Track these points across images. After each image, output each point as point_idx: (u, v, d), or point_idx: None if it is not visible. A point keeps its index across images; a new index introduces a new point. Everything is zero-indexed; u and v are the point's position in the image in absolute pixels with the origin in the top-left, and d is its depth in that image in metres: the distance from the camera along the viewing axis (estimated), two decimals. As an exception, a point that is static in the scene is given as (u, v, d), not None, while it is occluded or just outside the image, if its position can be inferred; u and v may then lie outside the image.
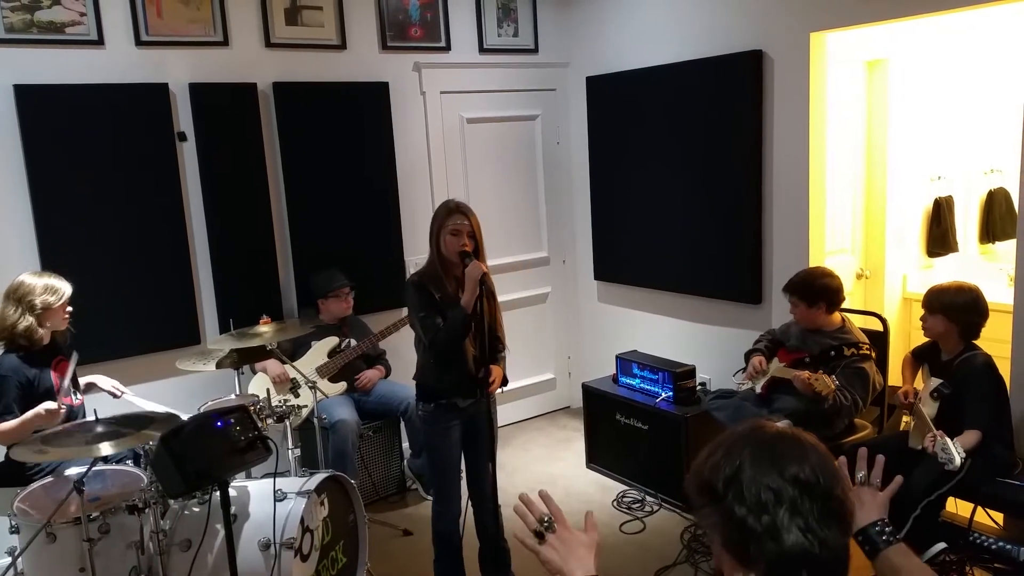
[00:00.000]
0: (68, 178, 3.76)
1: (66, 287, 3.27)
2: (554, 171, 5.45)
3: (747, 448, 1.24)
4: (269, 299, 4.31)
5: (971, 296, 3.20)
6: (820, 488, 1.20)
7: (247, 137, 4.21)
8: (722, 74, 4.24)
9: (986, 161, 5.07)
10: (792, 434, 1.28)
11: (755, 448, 1.24)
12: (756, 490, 1.19)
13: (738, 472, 1.22)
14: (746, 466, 1.22)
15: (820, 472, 1.21)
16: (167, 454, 2.34)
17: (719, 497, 1.23)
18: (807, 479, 1.20)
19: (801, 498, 1.19)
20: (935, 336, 3.30)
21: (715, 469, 1.25)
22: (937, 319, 3.24)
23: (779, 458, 1.22)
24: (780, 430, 1.29)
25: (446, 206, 3.06)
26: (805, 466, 1.21)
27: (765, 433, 1.27)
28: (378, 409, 4.29)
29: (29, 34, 3.64)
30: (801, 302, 3.52)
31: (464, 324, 2.94)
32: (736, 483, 1.21)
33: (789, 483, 1.19)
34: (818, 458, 1.23)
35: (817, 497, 1.19)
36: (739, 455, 1.23)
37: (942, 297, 3.24)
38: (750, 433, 1.28)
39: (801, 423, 3.39)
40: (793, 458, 1.22)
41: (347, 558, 3.17)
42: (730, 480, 1.22)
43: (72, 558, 2.61)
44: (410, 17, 4.70)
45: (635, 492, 4.32)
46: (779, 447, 1.24)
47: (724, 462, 1.24)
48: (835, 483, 1.22)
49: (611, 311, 5.37)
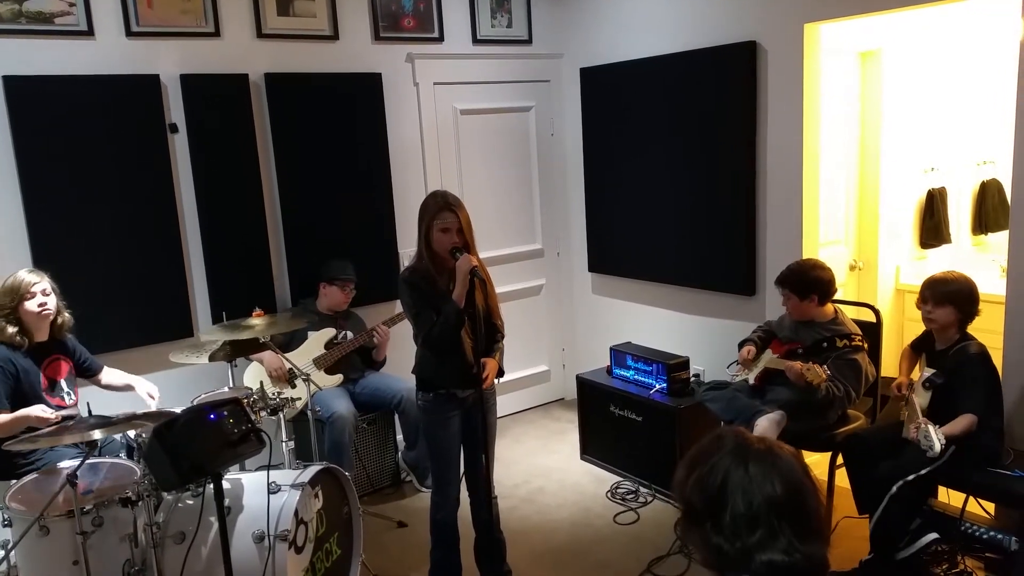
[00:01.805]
0: (59, 170, 3.74)
1: (25, 283, 3.20)
2: (548, 163, 5.44)
3: (722, 470, 1.26)
4: (262, 291, 4.31)
5: (970, 285, 3.20)
6: (791, 506, 1.22)
7: (239, 129, 4.19)
8: (716, 65, 4.23)
9: (979, 152, 5.08)
10: (765, 449, 1.29)
11: (731, 468, 1.25)
12: (731, 519, 1.22)
13: (716, 497, 1.24)
14: (723, 490, 1.24)
15: (792, 488, 1.23)
16: (160, 447, 2.33)
17: (698, 521, 1.26)
18: (779, 499, 1.22)
19: (778, 521, 1.21)
20: (940, 327, 3.26)
21: (695, 489, 1.27)
22: (947, 310, 3.19)
23: (752, 480, 1.23)
24: (755, 445, 1.30)
25: (435, 200, 3.01)
26: (776, 485, 1.22)
27: (741, 450, 1.28)
28: (372, 401, 4.29)
29: (17, 24, 3.61)
30: (793, 294, 3.52)
31: (457, 318, 2.93)
32: (713, 510, 1.24)
33: (763, 506, 1.21)
34: (790, 472, 1.24)
35: (788, 515, 1.21)
36: (716, 476, 1.25)
37: (947, 287, 3.20)
38: (728, 451, 1.29)
39: (794, 414, 3.42)
40: (765, 477, 1.23)
41: (342, 550, 3.17)
42: (708, 505, 1.25)
43: (65, 551, 2.61)
44: (403, 8, 4.68)
45: (629, 483, 4.34)
46: (752, 467, 1.25)
47: (704, 483, 1.26)
48: (806, 496, 1.24)
49: (605, 303, 5.37)
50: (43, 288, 3.24)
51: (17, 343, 3.16)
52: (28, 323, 3.21)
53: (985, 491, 3.15)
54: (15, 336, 3.16)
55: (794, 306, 3.55)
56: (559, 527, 3.96)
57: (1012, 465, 3.10)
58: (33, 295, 3.20)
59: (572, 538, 3.85)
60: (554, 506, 4.18)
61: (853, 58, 4.53)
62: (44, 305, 3.23)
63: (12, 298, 3.17)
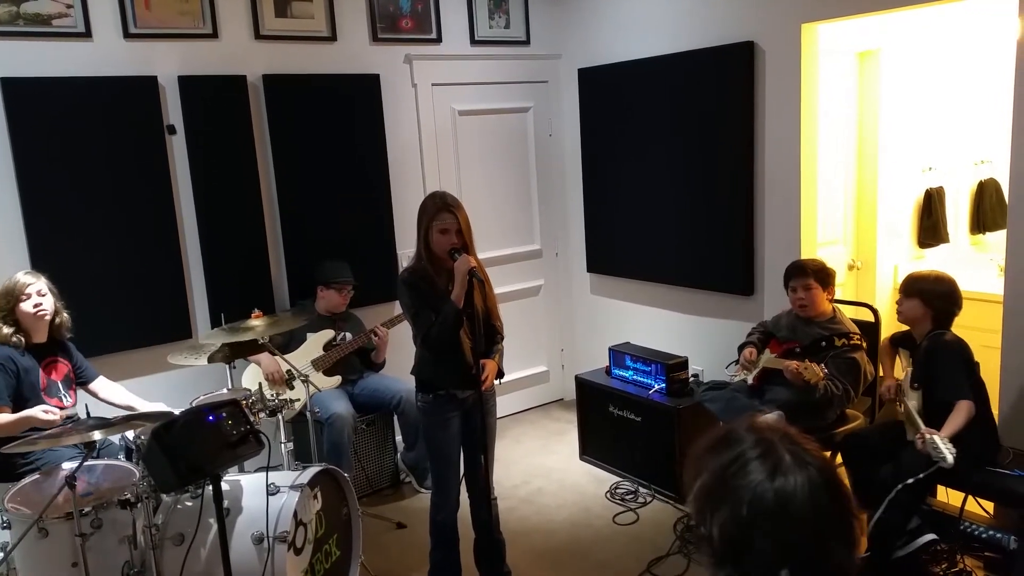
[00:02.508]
0: (57, 172, 3.74)
1: (21, 284, 3.20)
2: (546, 163, 5.44)
3: (747, 497, 1.16)
4: (261, 292, 4.30)
5: (949, 286, 3.23)
6: (826, 521, 1.15)
7: (237, 130, 4.19)
8: (714, 66, 4.23)
9: (976, 152, 5.08)
10: (795, 458, 1.19)
11: (758, 499, 1.16)
12: (758, 552, 1.14)
13: (740, 538, 1.16)
14: (750, 533, 1.15)
15: (823, 502, 1.15)
16: (159, 448, 2.33)
17: (720, 561, 1.18)
18: (810, 518, 1.14)
19: (807, 540, 1.14)
20: (909, 320, 3.32)
21: (712, 525, 1.19)
22: (913, 303, 3.25)
23: (783, 504, 1.15)
24: (782, 455, 1.20)
25: (433, 201, 3.03)
26: (811, 500, 1.14)
27: (768, 460, 1.18)
28: (371, 403, 4.28)
29: (15, 26, 3.61)
30: (818, 284, 3.56)
31: (455, 319, 2.93)
32: (735, 551, 1.16)
33: (793, 533, 1.14)
34: (822, 476, 1.16)
35: (818, 532, 1.15)
36: (741, 507, 1.16)
37: (920, 283, 3.27)
38: (752, 461, 1.19)
39: (792, 414, 3.41)
40: (798, 494, 1.14)
41: (341, 551, 3.17)
42: (727, 546, 1.17)
43: (64, 553, 2.61)
44: (401, 9, 4.68)
45: (628, 483, 4.33)
46: (780, 482, 1.16)
47: (725, 521, 1.18)
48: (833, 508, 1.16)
49: (604, 303, 5.38)
50: (39, 289, 3.24)
51: (14, 344, 3.17)
52: (25, 324, 3.22)
53: (984, 490, 3.15)
54: (11, 337, 3.17)
55: (814, 297, 3.57)
56: (558, 527, 3.96)
57: (1011, 464, 3.11)
58: (28, 296, 3.21)
59: (571, 538, 3.85)
60: (553, 507, 4.18)
61: (851, 58, 4.54)
62: (40, 306, 3.23)
63: (8, 300, 3.19)
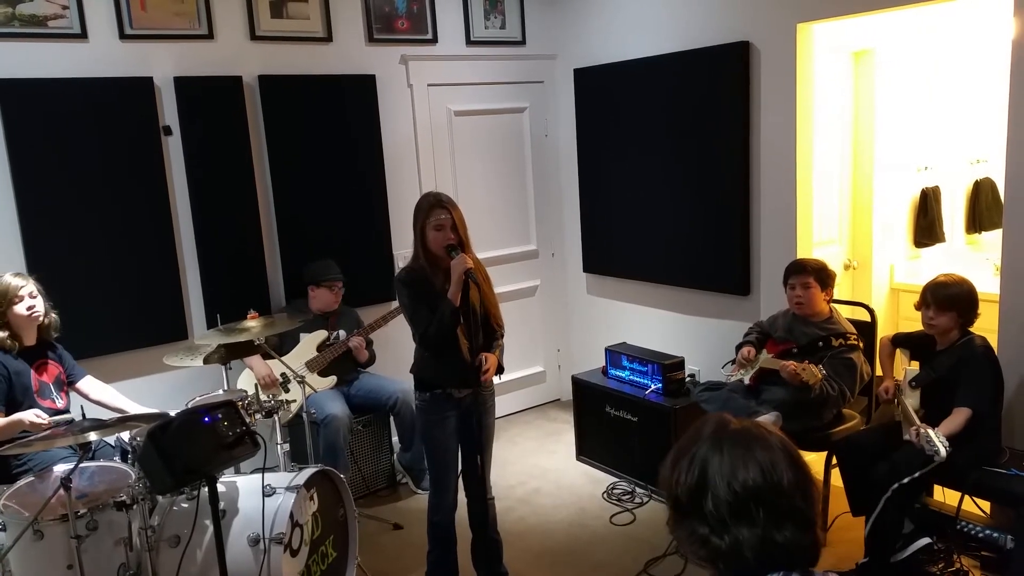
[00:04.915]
0: (52, 173, 3.73)
1: (13, 287, 3.18)
2: (542, 164, 5.44)
3: (701, 458, 1.24)
4: (256, 293, 4.30)
5: (973, 291, 3.21)
6: (768, 490, 1.20)
7: (233, 131, 4.18)
8: (709, 66, 4.24)
9: (972, 151, 5.09)
10: (742, 430, 1.27)
11: (710, 455, 1.24)
12: (713, 506, 1.20)
13: (697, 486, 1.23)
14: (703, 477, 1.22)
15: (768, 472, 1.21)
16: (155, 450, 2.33)
17: (685, 513, 1.24)
18: (756, 483, 1.20)
19: (756, 507, 1.19)
20: (942, 332, 3.27)
21: (677, 481, 1.26)
22: (950, 316, 3.20)
23: (731, 465, 1.22)
24: (731, 428, 1.28)
25: (427, 200, 3.04)
26: (751, 469, 1.20)
27: (719, 435, 1.26)
28: (366, 403, 4.28)
29: (11, 28, 3.60)
30: (817, 284, 3.56)
31: (452, 318, 2.94)
32: (696, 500, 1.23)
33: (742, 493, 1.19)
34: (767, 454, 1.22)
35: (766, 501, 1.19)
36: (696, 465, 1.24)
37: (953, 297, 3.19)
38: (706, 436, 1.27)
39: (789, 414, 3.42)
40: (742, 461, 1.21)
41: (337, 552, 3.16)
42: (691, 497, 1.23)
43: (60, 555, 2.60)
44: (396, 9, 4.68)
45: (625, 484, 4.33)
46: (728, 451, 1.23)
47: (685, 473, 1.25)
48: (784, 480, 1.21)
49: (600, 303, 5.38)
50: (30, 291, 3.23)
51: (7, 347, 3.16)
52: (17, 327, 3.21)
53: (981, 490, 3.15)
54: (5, 340, 3.16)
55: (812, 297, 3.57)
56: (555, 528, 3.95)
57: (1008, 464, 3.11)
58: (21, 299, 3.20)
59: (569, 539, 3.85)
60: (550, 507, 4.18)
61: (846, 57, 4.54)
62: (33, 308, 3.22)
63: (0, 303, 3.17)
